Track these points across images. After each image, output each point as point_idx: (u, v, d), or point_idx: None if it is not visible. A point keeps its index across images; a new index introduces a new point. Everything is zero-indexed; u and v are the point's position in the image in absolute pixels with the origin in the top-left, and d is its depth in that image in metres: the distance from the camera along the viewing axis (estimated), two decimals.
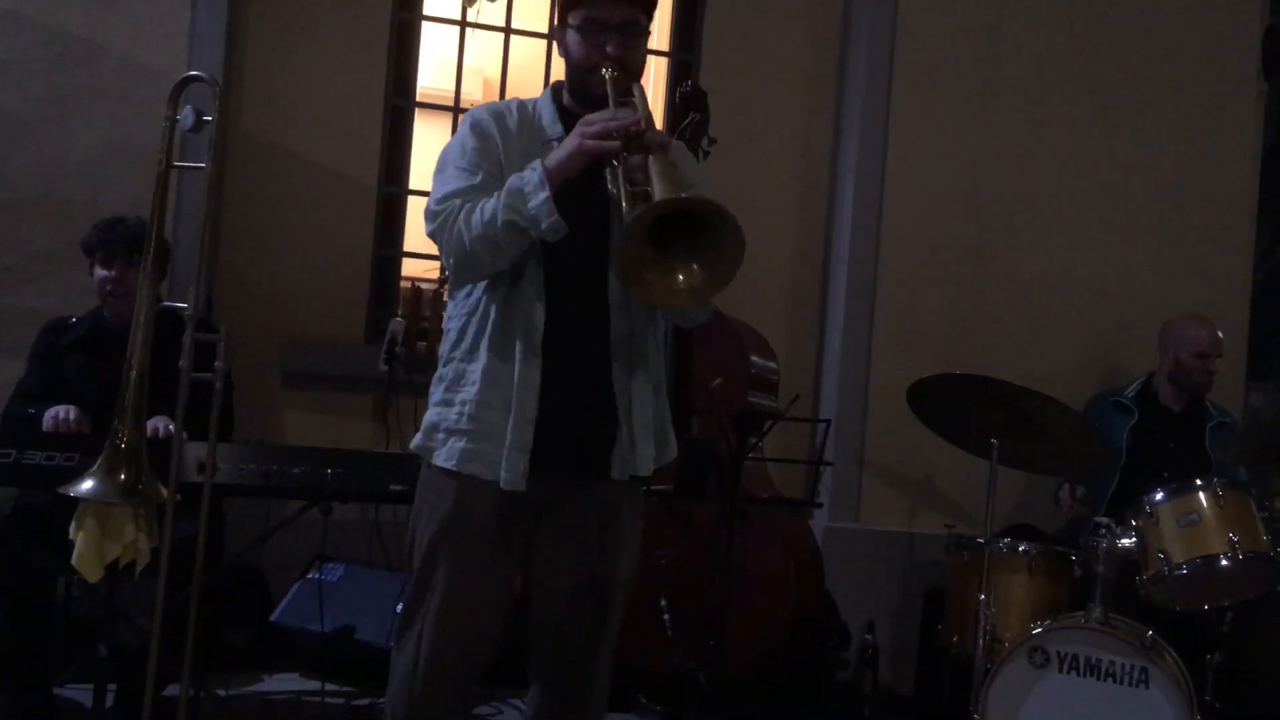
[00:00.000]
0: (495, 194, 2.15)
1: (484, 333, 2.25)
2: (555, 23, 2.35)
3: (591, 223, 2.20)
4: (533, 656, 2.37)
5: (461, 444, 2.22)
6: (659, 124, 4.80)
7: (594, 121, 2.10)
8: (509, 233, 2.11)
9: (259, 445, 3.27)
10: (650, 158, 2.04)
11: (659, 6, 2.36)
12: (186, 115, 2.47)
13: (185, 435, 2.47)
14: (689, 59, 4.73)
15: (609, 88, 2.15)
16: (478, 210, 2.14)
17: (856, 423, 4.54)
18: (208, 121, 2.47)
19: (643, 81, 2.32)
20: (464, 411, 2.23)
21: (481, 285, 2.26)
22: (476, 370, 2.24)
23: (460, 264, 2.20)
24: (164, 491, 2.40)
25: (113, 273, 3.32)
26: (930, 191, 4.64)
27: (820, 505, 3.84)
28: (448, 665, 2.26)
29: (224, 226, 4.22)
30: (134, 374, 2.39)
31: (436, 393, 2.29)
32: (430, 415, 2.29)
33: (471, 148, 2.25)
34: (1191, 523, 3.27)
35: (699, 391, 3.72)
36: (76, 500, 2.35)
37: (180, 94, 2.51)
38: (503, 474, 2.19)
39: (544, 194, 2.08)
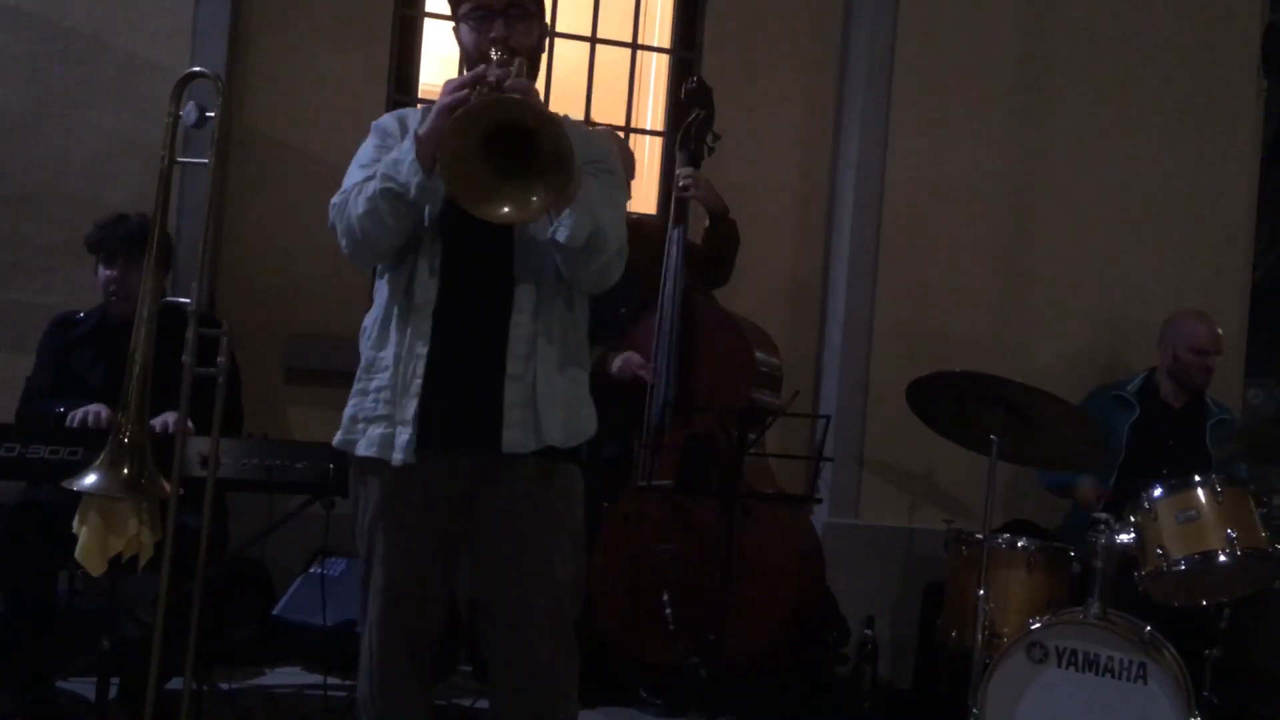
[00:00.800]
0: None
1: (390, 319, 2.31)
2: (453, 24, 2.41)
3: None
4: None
5: (379, 430, 2.27)
6: (659, 121, 4.81)
7: (453, 80, 2.21)
8: (388, 200, 2.19)
9: (262, 440, 3.28)
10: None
11: (662, 5, 2.39)
12: (189, 111, 2.48)
13: (193, 429, 2.49)
14: (690, 56, 4.73)
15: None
16: (363, 190, 2.23)
17: (856, 419, 4.55)
18: (210, 117, 2.48)
19: (541, 61, 2.42)
20: (380, 398, 2.29)
21: (387, 276, 2.33)
22: (388, 356, 2.30)
23: (350, 244, 2.28)
24: (167, 486, 2.42)
25: (114, 272, 3.33)
26: (930, 188, 4.64)
27: (820, 501, 3.84)
28: (395, 659, 2.34)
29: (227, 222, 4.22)
30: (137, 369, 2.41)
31: (354, 387, 2.35)
32: (348, 409, 2.35)
33: (372, 145, 2.36)
34: (1190, 519, 3.29)
35: (702, 387, 3.74)
36: (80, 494, 2.37)
37: (183, 90, 2.52)
38: (404, 452, 2.23)
39: (411, 155, 2.17)
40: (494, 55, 2.24)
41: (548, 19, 2.53)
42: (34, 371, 3.46)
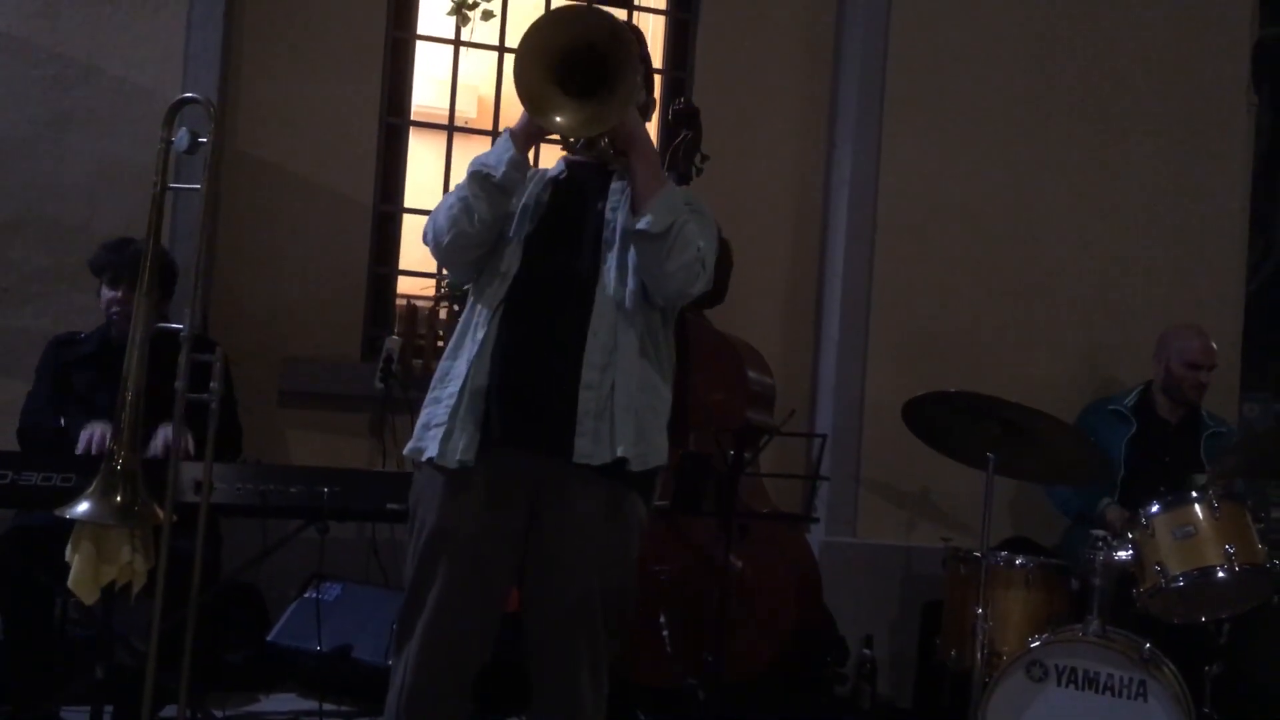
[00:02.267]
0: None
1: (467, 328, 2.34)
2: None
3: (576, 216, 2.37)
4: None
5: (445, 433, 2.28)
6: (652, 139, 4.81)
7: None
8: (477, 183, 2.28)
9: (255, 465, 3.27)
10: None
11: (654, 25, 2.43)
12: (182, 136, 2.49)
13: (192, 452, 2.47)
14: (681, 75, 4.74)
15: None
16: (454, 191, 2.33)
17: (853, 437, 4.54)
18: (203, 143, 2.49)
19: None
20: (450, 405, 2.29)
21: (471, 288, 2.38)
22: (462, 363, 2.31)
23: (437, 244, 2.33)
24: (160, 513, 2.40)
25: (119, 293, 3.34)
26: (924, 206, 4.65)
27: (817, 520, 3.84)
28: (437, 680, 2.27)
29: (219, 246, 4.22)
30: (130, 396, 2.40)
31: (428, 396, 2.36)
32: (421, 417, 2.35)
33: None
34: (1187, 535, 3.28)
35: (698, 410, 3.73)
36: (74, 520, 2.35)
37: (175, 115, 2.53)
38: (457, 449, 2.25)
39: (505, 138, 2.30)
40: None
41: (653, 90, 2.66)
42: (34, 388, 3.47)
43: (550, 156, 2.61)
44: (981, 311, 4.69)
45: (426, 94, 4.76)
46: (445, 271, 2.47)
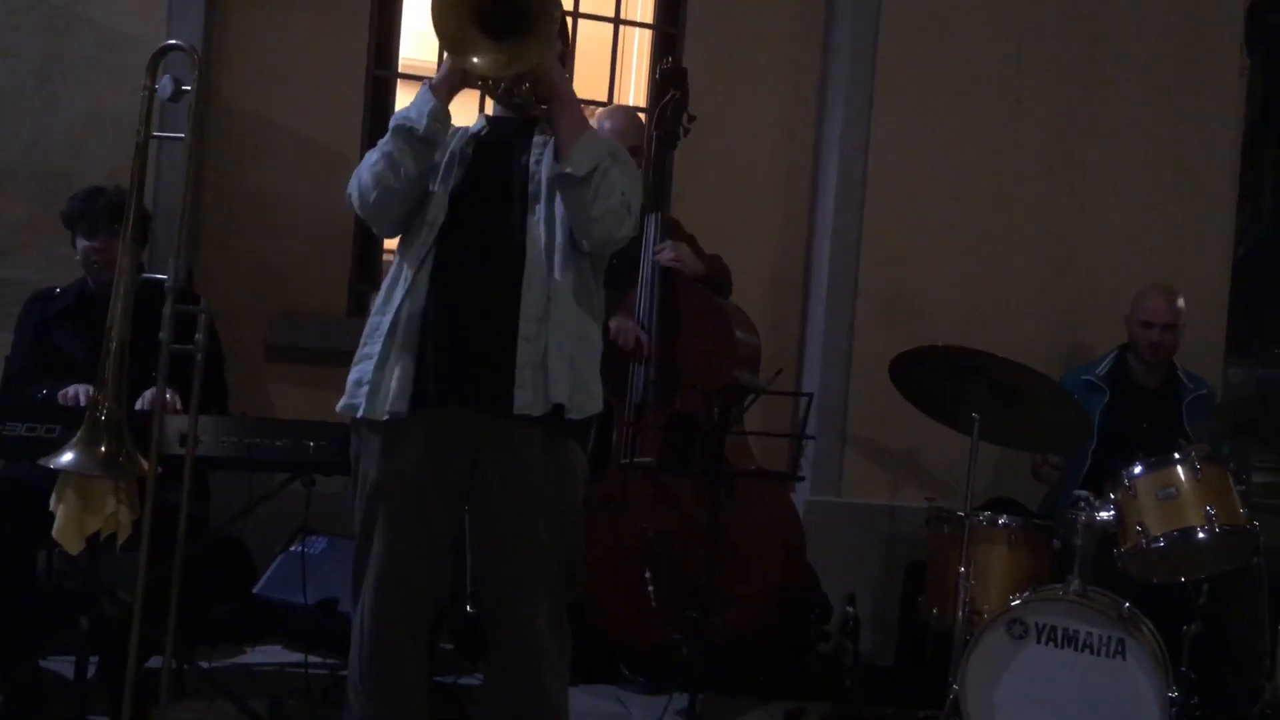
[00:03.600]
0: None
1: (395, 283, 2.34)
2: None
3: (501, 172, 2.37)
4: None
5: (375, 387, 2.29)
6: (641, 97, 4.78)
7: None
8: (400, 137, 2.28)
9: (241, 418, 3.26)
10: None
11: None
12: (165, 84, 2.46)
13: (179, 405, 2.46)
14: (673, 31, 4.70)
15: None
16: (377, 147, 2.34)
17: (839, 397, 4.55)
18: (187, 91, 2.46)
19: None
20: (378, 359, 2.30)
21: (399, 244, 2.39)
22: (388, 318, 2.32)
23: (363, 201, 2.34)
24: (145, 464, 2.40)
25: (96, 243, 3.30)
26: (913, 166, 4.63)
27: (802, 479, 3.85)
28: (394, 627, 2.31)
29: (205, 198, 4.18)
30: (114, 345, 2.39)
31: (357, 353, 2.37)
32: (350, 374, 2.37)
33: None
34: (1169, 496, 3.31)
35: (685, 369, 3.72)
36: (58, 472, 2.34)
37: (159, 63, 2.49)
38: (385, 402, 2.26)
39: (425, 91, 2.31)
40: None
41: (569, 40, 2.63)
42: (13, 350, 3.43)
43: (469, 116, 2.60)
44: (969, 272, 4.69)
45: (413, 46, 4.71)
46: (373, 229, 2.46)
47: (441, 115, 2.29)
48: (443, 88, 2.31)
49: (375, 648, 2.30)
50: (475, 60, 2.21)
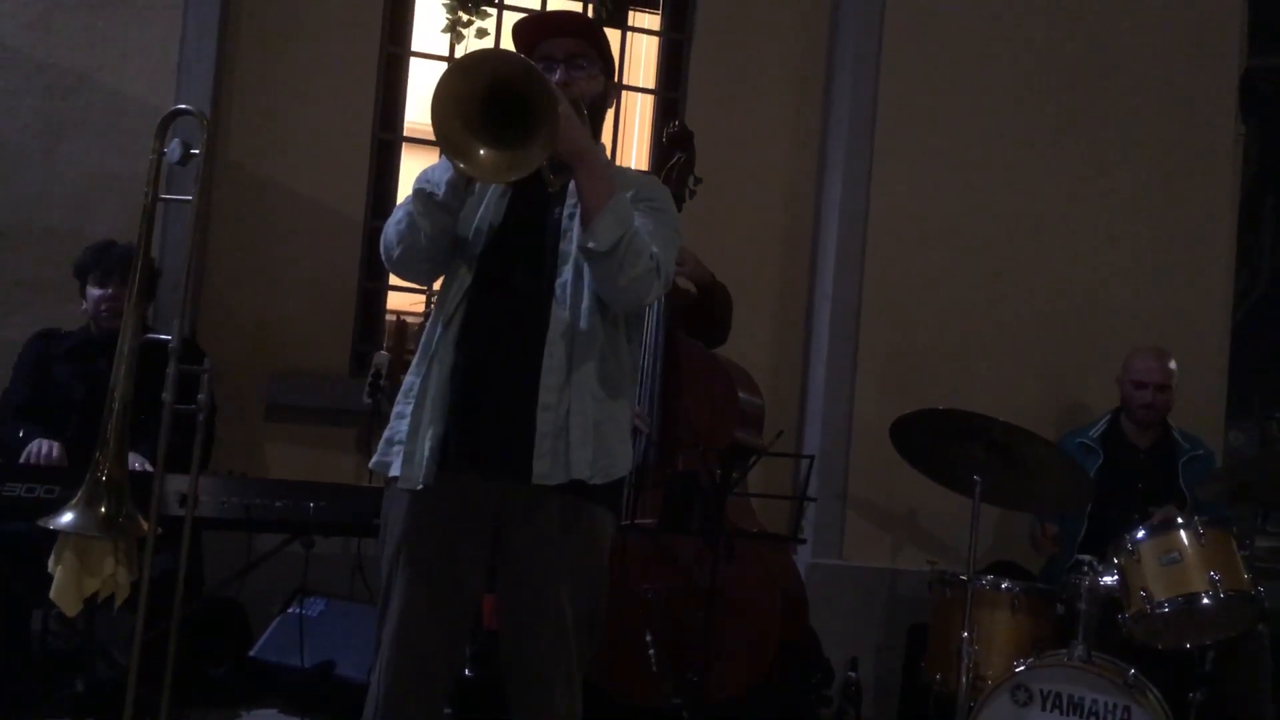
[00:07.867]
0: None
1: (430, 344, 2.33)
2: None
3: (534, 224, 2.33)
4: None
5: (405, 452, 2.27)
6: (644, 161, 4.83)
7: None
8: (419, 201, 2.26)
9: (241, 478, 3.25)
10: None
11: (647, 46, 2.42)
12: (174, 148, 2.48)
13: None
14: (674, 96, 4.76)
15: None
16: (401, 205, 2.33)
17: (840, 458, 4.55)
18: (195, 154, 2.48)
19: (609, 113, 2.51)
20: (410, 424, 2.29)
21: (435, 302, 2.38)
22: (419, 380, 2.31)
23: (387, 255, 2.32)
24: (144, 525, 2.39)
25: (109, 291, 3.38)
26: (913, 229, 4.67)
27: (804, 541, 3.83)
28: (406, 690, 2.27)
29: (210, 258, 4.21)
30: (116, 406, 2.39)
31: (394, 410, 2.36)
32: (387, 430, 2.35)
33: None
34: (1173, 561, 3.28)
35: (686, 429, 3.72)
36: (56, 532, 2.34)
37: (168, 127, 2.53)
38: (419, 471, 2.24)
39: (445, 160, 2.22)
40: None
41: (615, 77, 2.56)
42: (10, 385, 3.47)
43: None
44: (969, 336, 4.70)
45: (419, 110, 4.77)
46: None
47: (458, 185, 2.24)
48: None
49: (387, 709, 2.27)
50: (474, 167, 2.12)
